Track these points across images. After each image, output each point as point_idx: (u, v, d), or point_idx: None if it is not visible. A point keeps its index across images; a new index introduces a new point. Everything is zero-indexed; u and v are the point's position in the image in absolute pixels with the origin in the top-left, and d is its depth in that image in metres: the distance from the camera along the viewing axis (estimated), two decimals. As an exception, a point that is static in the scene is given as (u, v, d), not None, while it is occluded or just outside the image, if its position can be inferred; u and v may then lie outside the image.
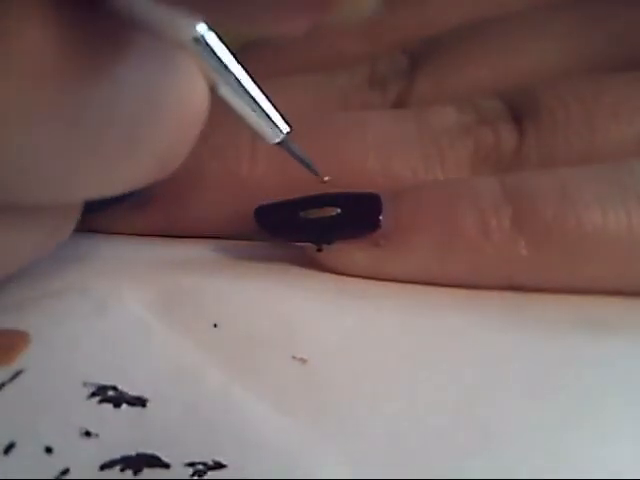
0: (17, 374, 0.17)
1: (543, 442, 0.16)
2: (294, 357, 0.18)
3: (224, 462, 0.15)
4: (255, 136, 0.18)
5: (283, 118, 0.18)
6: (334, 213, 0.21)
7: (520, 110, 0.23)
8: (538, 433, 0.16)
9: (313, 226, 0.21)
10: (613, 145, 0.22)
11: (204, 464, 0.15)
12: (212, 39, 0.15)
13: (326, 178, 0.21)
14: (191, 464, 0.15)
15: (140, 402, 0.17)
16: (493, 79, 0.26)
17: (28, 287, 0.20)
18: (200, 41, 0.15)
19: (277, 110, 0.18)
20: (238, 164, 0.23)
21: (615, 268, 0.20)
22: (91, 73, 0.13)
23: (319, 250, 0.21)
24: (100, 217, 0.23)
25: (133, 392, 0.17)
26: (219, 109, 0.16)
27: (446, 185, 0.22)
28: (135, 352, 0.18)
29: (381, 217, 0.20)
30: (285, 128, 0.18)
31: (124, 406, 0.16)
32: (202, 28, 0.15)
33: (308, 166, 0.20)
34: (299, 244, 0.21)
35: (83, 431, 0.16)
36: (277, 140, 0.18)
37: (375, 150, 0.22)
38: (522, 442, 0.16)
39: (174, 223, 0.24)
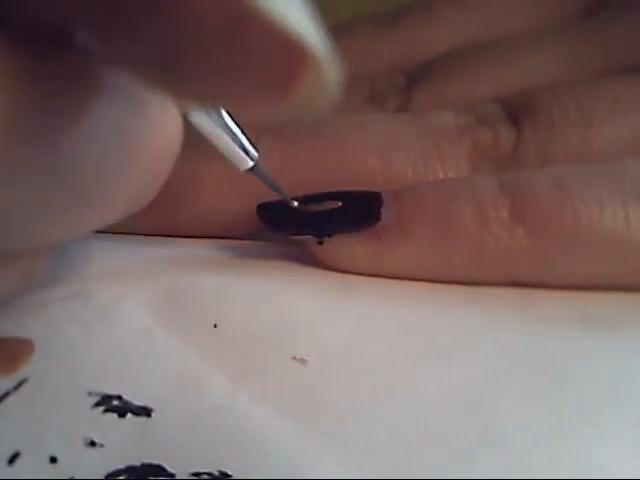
0: (21, 383, 0.17)
1: (544, 442, 0.16)
2: (294, 358, 0.18)
3: (229, 472, 0.15)
4: (226, 163, 0.18)
5: (252, 144, 0.18)
6: (335, 206, 0.21)
7: (517, 110, 0.24)
8: (539, 432, 0.16)
9: (314, 219, 0.21)
10: (609, 144, 0.22)
11: (209, 474, 0.15)
12: None
13: (295, 203, 0.21)
14: (196, 474, 0.15)
15: (145, 412, 0.16)
16: (489, 94, 0.26)
17: (30, 293, 0.20)
18: None
19: (246, 136, 0.18)
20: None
21: (612, 261, 0.20)
22: (59, 119, 0.13)
23: (320, 243, 0.21)
24: None
25: (138, 402, 0.17)
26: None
27: (445, 182, 0.22)
28: (139, 361, 0.18)
29: (382, 210, 0.21)
30: (254, 154, 0.18)
31: (129, 416, 0.16)
32: None
33: (277, 190, 0.20)
34: (300, 238, 0.21)
35: (88, 441, 0.16)
36: (249, 166, 0.19)
37: (375, 149, 0.23)
38: (523, 442, 0.16)
39: (174, 222, 0.24)
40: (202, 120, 0.17)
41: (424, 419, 0.16)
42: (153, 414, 0.16)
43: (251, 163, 0.18)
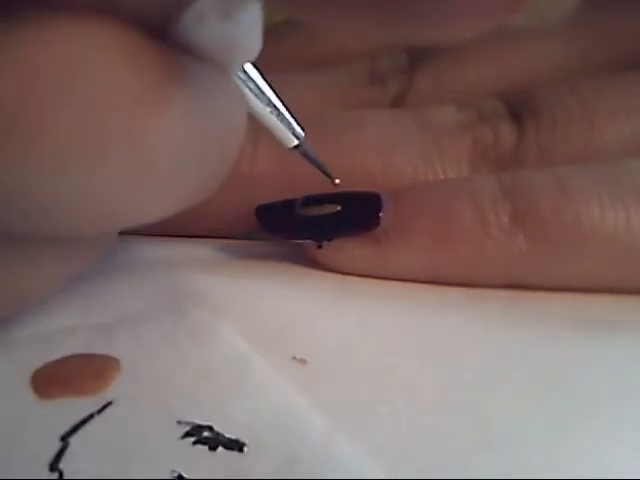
0: (106, 406, 0.16)
1: (543, 442, 0.15)
2: (294, 358, 0.17)
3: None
4: (273, 140, 0.18)
5: (297, 123, 0.19)
6: (334, 210, 0.21)
7: (519, 109, 0.23)
8: (538, 433, 0.16)
9: (313, 223, 0.21)
10: (611, 143, 0.22)
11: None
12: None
13: (337, 181, 0.21)
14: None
15: (237, 446, 0.15)
16: (492, 78, 0.26)
17: (116, 307, 0.19)
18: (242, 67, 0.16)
19: (292, 115, 0.18)
20: (238, 162, 0.22)
21: (614, 264, 0.19)
22: (158, 101, 0.13)
23: (319, 247, 0.21)
24: None
25: (230, 434, 0.15)
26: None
27: (445, 183, 0.22)
28: (233, 389, 0.16)
29: (381, 214, 0.20)
30: (300, 133, 0.19)
31: (220, 449, 0.15)
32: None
33: (322, 169, 0.20)
34: (299, 242, 0.21)
35: (175, 475, 0.14)
36: (293, 144, 0.19)
37: (375, 147, 0.23)
38: (522, 442, 0.15)
39: (174, 222, 0.23)
40: (251, 98, 0.17)
41: (424, 419, 0.16)
42: (246, 449, 0.15)
43: (296, 141, 0.19)
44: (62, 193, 0.13)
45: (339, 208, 0.21)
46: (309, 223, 0.21)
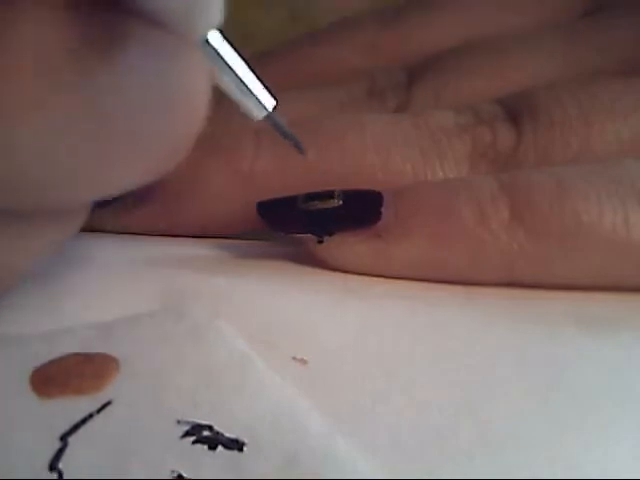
0: (105, 405, 0.16)
1: (543, 442, 0.15)
2: (294, 358, 0.17)
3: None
4: (240, 112, 0.18)
5: (270, 92, 0.18)
6: (335, 205, 0.21)
7: (517, 110, 0.23)
8: (538, 432, 0.16)
9: (315, 217, 0.21)
10: (609, 143, 0.22)
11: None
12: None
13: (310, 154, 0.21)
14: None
15: (237, 445, 0.15)
16: (489, 92, 0.26)
17: (116, 307, 0.19)
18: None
19: (264, 85, 0.18)
20: (240, 160, 0.23)
21: (612, 263, 0.20)
22: (99, 62, 0.13)
23: (320, 242, 0.21)
24: (101, 215, 0.23)
25: (229, 433, 0.15)
26: (222, 105, 0.16)
27: (445, 182, 0.22)
28: (233, 389, 0.16)
29: (382, 209, 0.20)
30: (272, 102, 0.18)
31: (220, 449, 0.15)
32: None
33: (292, 141, 0.20)
34: (300, 236, 0.21)
35: (175, 474, 0.14)
36: (263, 115, 0.18)
37: (374, 146, 0.23)
38: (522, 442, 0.15)
39: (174, 220, 0.23)
40: (218, 69, 0.17)
41: (424, 419, 0.16)
42: (245, 448, 0.15)
43: (265, 112, 0.18)
44: (22, 158, 0.13)
45: (340, 202, 0.21)
46: (311, 217, 0.21)
